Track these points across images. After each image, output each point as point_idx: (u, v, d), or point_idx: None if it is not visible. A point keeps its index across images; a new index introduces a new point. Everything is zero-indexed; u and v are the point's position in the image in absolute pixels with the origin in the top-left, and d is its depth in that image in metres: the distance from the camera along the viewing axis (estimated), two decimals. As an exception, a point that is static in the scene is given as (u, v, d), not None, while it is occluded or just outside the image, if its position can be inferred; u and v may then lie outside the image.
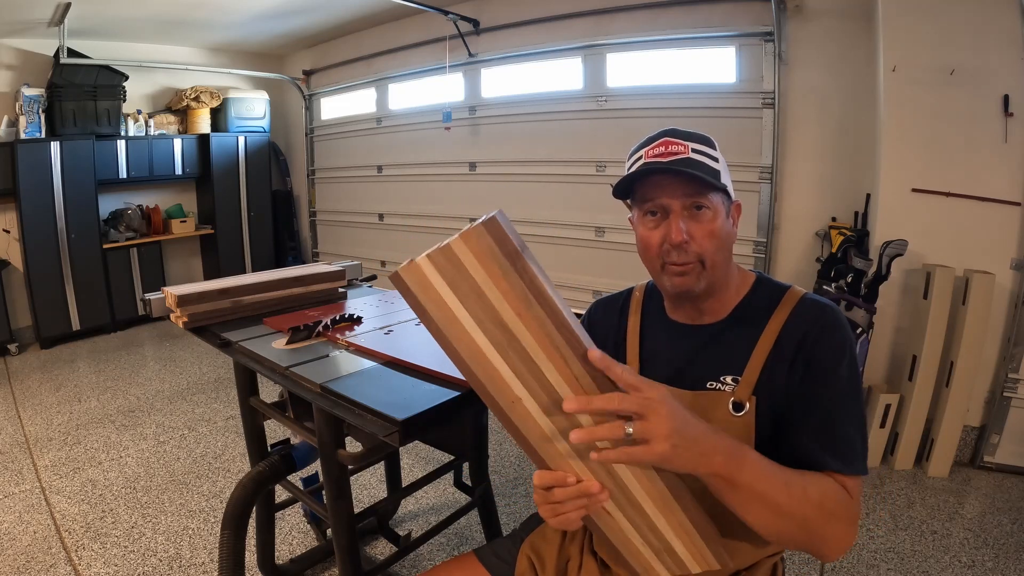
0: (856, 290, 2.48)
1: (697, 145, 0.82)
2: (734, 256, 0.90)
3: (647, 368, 0.93)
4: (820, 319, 0.82)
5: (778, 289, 0.88)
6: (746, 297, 0.89)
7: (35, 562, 1.89)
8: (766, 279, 0.91)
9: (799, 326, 0.82)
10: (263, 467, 1.43)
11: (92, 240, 4.40)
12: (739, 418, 0.81)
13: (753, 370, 0.82)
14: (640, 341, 0.95)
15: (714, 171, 0.82)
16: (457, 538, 2.04)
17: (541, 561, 1.01)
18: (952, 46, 2.36)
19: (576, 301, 3.65)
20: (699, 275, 0.83)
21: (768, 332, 0.83)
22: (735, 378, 0.83)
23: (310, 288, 1.72)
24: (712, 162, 0.82)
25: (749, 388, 0.81)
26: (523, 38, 3.85)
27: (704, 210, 0.81)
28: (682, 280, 0.84)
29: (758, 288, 0.89)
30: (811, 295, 0.86)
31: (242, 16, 4.24)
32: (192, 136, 4.96)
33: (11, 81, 4.20)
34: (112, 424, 2.95)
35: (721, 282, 0.87)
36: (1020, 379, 2.41)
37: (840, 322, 0.82)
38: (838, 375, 0.79)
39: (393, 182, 4.93)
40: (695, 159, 0.81)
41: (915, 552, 1.96)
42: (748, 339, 0.84)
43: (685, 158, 0.81)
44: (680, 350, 0.90)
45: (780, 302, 0.85)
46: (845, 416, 0.79)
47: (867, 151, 2.73)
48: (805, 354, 0.80)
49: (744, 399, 0.81)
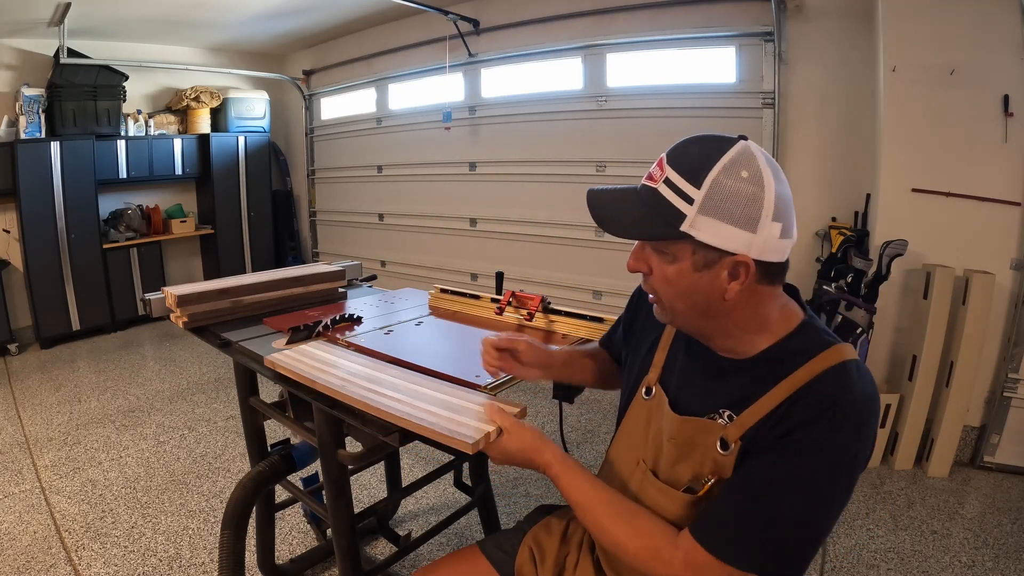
0: (856, 290, 2.48)
1: (675, 175, 0.71)
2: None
3: (665, 374, 0.90)
4: (831, 399, 0.69)
5: (819, 344, 0.74)
6: (779, 343, 0.77)
7: (35, 562, 1.89)
8: (812, 327, 0.78)
9: (812, 394, 0.70)
10: (263, 467, 1.43)
11: (92, 240, 4.40)
12: (724, 456, 0.75)
13: (751, 416, 0.74)
14: (672, 342, 0.92)
15: (674, 212, 0.70)
16: (457, 538, 2.04)
17: (542, 553, 1.02)
18: (952, 46, 2.36)
19: (576, 301, 3.65)
20: (663, 311, 0.80)
21: (783, 385, 0.72)
22: (731, 415, 0.76)
23: (310, 288, 1.72)
24: (680, 201, 0.70)
25: (740, 431, 0.74)
26: (523, 38, 3.85)
27: (663, 253, 0.74)
28: (655, 308, 0.83)
29: (798, 335, 0.77)
30: (854, 366, 0.72)
31: (242, 16, 4.24)
32: (192, 136, 4.96)
33: (11, 81, 4.20)
34: (112, 424, 2.95)
35: (709, 329, 0.79)
36: (1020, 379, 2.41)
37: (851, 419, 0.68)
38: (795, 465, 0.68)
39: (393, 182, 4.93)
40: (660, 193, 0.72)
41: (915, 552, 1.96)
42: (760, 384, 0.75)
43: (649, 188, 0.74)
44: (691, 371, 0.85)
45: (815, 358, 0.72)
46: (755, 503, 0.69)
47: (867, 151, 2.73)
48: (790, 424, 0.70)
49: (731, 439, 0.75)
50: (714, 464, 0.77)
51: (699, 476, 0.78)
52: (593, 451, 2.62)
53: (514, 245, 4.13)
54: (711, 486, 0.77)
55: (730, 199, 0.69)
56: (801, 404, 0.70)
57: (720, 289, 0.72)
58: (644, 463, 0.87)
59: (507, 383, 1.11)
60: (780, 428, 0.71)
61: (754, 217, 0.69)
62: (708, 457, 0.78)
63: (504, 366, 1.04)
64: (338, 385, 1.04)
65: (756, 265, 0.71)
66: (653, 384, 0.90)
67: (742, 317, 0.76)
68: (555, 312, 1.45)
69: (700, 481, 0.78)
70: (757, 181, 0.69)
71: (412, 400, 0.98)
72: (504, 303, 1.52)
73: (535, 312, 1.46)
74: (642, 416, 0.91)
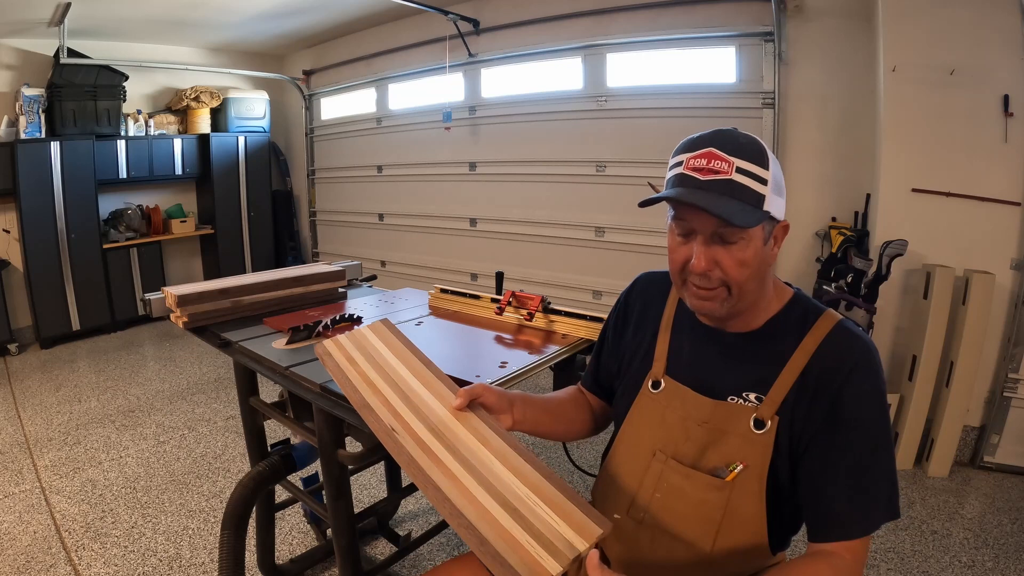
0: (856, 290, 2.48)
1: (744, 163, 0.76)
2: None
3: (671, 364, 0.92)
4: (850, 358, 0.78)
5: (813, 311, 0.84)
6: (780, 313, 0.85)
7: (35, 562, 1.89)
8: (803, 298, 0.87)
9: (828, 358, 0.79)
10: (263, 467, 1.43)
11: (92, 240, 4.40)
12: (759, 435, 0.80)
13: (779, 391, 0.80)
14: (671, 333, 0.94)
15: (757, 196, 0.76)
16: (457, 538, 2.04)
17: None
18: (952, 46, 2.36)
19: (576, 301, 3.65)
20: (723, 301, 0.81)
21: (798, 356, 0.80)
22: (759, 396, 0.82)
23: (310, 288, 1.72)
24: (758, 184, 0.76)
25: (773, 408, 0.80)
26: (523, 38, 3.85)
27: (739, 239, 0.77)
28: (703, 304, 0.82)
29: (793, 306, 0.85)
30: (847, 323, 0.82)
31: (242, 16, 4.24)
32: (192, 136, 4.96)
33: (11, 81, 4.20)
34: (112, 424, 2.95)
35: (750, 304, 0.83)
36: (1020, 379, 2.41)
37: (872, 365, 0.78)
38: (870, 424, 0.77)
39: (393, 182, 4.93)
40: (737, 182, 0.75)
41: (915, 552, 1.96)
42: (775, 358, 0.82)
43: (726, 180, 0.75)
44: (703, 355, 0.89)
45: (814, 325, 0.81)
46: (877, 469, 0.77)
47: (867, 151, 2.73)
48: (831, 393, 0.77)
49: (767, 418, 0.80)
50: (744, 446, 0.81)
51: (728, 462, 0.82)
52: (593, 451, 2.62)
53: (514, 245, 4.13)
54: (739, 473, 0.80)
55: (779, 174, 0.80)
56: (828, 371, 0.78)
57: (771, 257, 0.82)
58: (662, 453, 0.88)
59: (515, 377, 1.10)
60: (821, 400, 0.78)
61: (784, 186, 0.81)
62: (738, 440, 0.81)
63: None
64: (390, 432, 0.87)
65: None
66: (660, 377, 0.92)
67: (765, 285, 0.84)
68: (555, 312, 1.45)
69: (728, 468, 0.81)
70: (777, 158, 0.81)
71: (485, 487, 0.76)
72: (504, 303, 1.52)
73: (535, 312, 1.46)
74: (654, 409, 0.91)
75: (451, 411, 0.87)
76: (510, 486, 0.74)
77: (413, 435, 0.84)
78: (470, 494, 0.74)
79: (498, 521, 0.70)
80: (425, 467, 0.78)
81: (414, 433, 0.84)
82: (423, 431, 0.84)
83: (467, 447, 0.81)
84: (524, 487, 0.74)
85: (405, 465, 0.80)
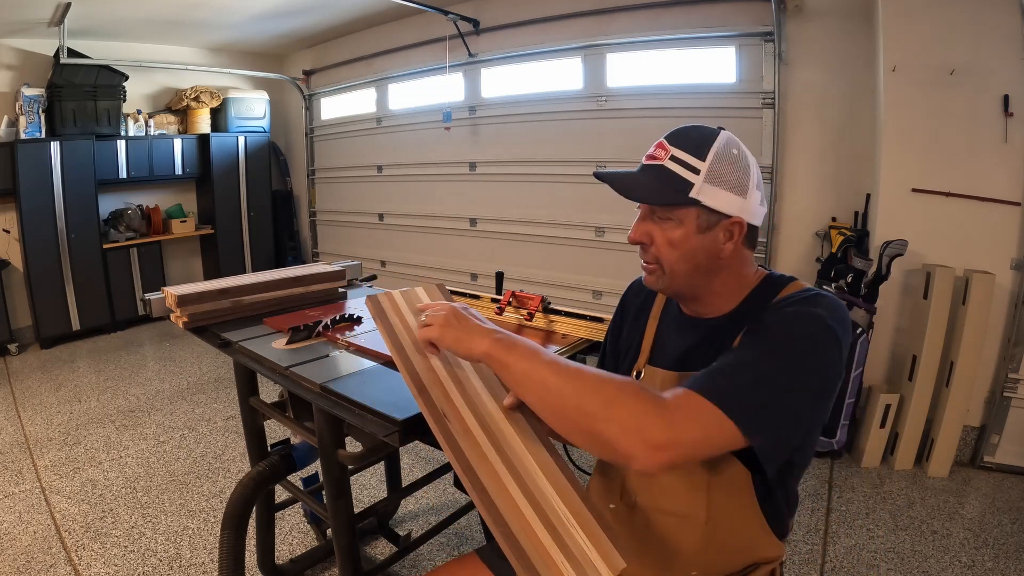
0: (856, 290, 2.48)
1: (680, 152, 0.82)
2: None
3: (656, 354, 0.95)
4: (803, 297, 0.80)
5: (780, 281, 0.87)
6: (750, 294, 0.88)
7: (35, 562, 1.89)
8: (774, 277, 0.89)
9: (783, 300, 0.81)
10: (263, 467, 1.43)
11: (92, 240, 4.40)
12: None
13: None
14: (657, 328, 0.98)
15: (683, 182, 0.80)
16: (457, 538, 2.04)
17: None
18: (952, 46, 2.36)
19: (576, 301, 3.65)
20: (659, 277, 0.87)
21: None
22: None
23: (310, 288, 1.72)
24: (687, 172, 0.80)
25: None
26: (523, 38, 3.85)
27: (667, 220, 0.83)
28: (647, 278, 0.89)
29: (762, 285, 0.88)
30: (813, 288, 0.83)
31: (242, 16, 4.24)
32: (192, 136, 4.96)
33: (11, 81, 4.19)
34: (112, 424, 2.95)
35: (701, 288, 0.87)
36: (1020, 379, 2.41)
37: (817, 299, 0.78)
38: (776, 331, 0.75)
39: (393, 182, 4.93)
40: (666, 167, 0.82)
41: (915, 552, 1.96)
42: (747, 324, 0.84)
43: (657, 165, 0.83)
44: (683, 341, 0.92)
45: (781, 291, 0.85)
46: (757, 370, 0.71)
47: (867, 151, 2.73)
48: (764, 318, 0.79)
49: None
50: None
51: None
52: (593, 451, 2.62)
53: (514, 245, 4.13)
54: None
55: (727, 169, 0.81)
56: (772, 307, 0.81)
57: (717, 249, 0.83)
58: None
59: None
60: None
61: (744, 185, 0.82)
62: None
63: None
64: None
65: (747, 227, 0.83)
66: (642, 368, 0.96)
67: (729, 277, 0.86)
68: (555, 312, 1.45)
69: None
70: (744, 156, 0.83)
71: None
72: (504, 303, 1.52)
73: (535, 312, 1.46)
74: None
75: (500, 406, 0.82)
76: (551, 501, 0.72)
77: (463, 425, 0.79)
78: (514, 503, 0.72)
79: (536, 535, 0.69)
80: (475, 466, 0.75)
81: (463, 423, 0.79)
82: (472, 423, 0.80)
83: (514, 451, 0.77)
84: (563, 505, 0.72)
85: (453, 456, 0.76)
